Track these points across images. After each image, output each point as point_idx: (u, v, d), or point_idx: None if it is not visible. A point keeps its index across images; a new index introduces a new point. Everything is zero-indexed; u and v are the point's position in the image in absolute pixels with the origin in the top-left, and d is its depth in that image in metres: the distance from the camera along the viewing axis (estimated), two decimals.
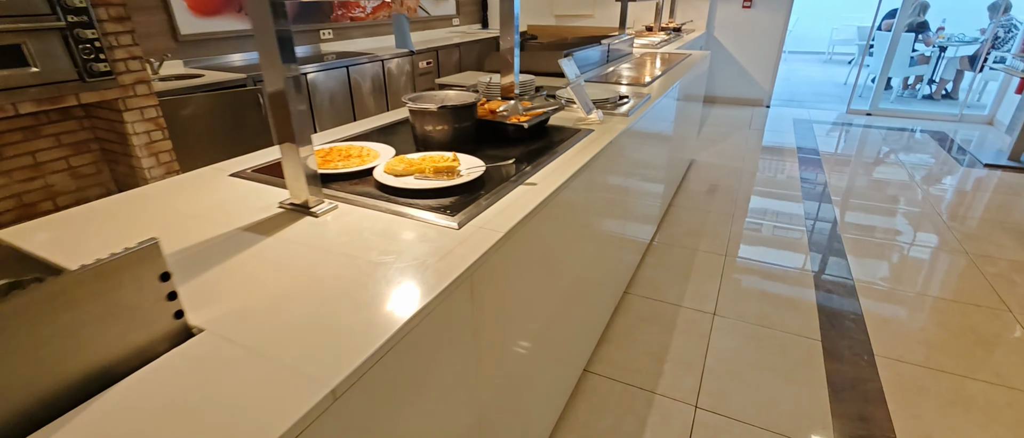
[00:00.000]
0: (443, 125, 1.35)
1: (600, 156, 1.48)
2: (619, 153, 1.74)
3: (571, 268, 1.46)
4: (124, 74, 2.52)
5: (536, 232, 1.15)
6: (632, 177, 2.04)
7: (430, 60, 4.92)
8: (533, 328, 1.25)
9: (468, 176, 1.17)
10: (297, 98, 0.95)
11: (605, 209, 1.71)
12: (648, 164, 2.36)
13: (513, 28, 1.70)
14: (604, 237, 1.77)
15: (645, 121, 2.06)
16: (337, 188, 1.16)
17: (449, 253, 0.87)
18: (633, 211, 2.19)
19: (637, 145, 2.02)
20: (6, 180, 2.49)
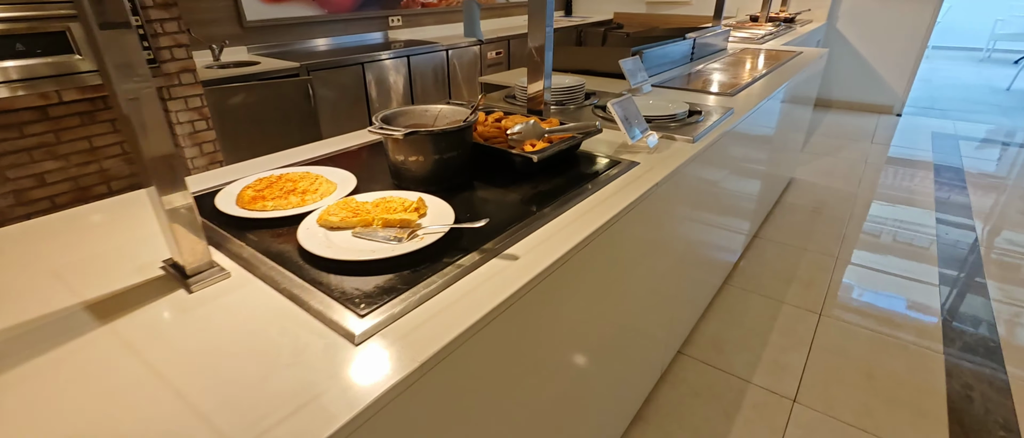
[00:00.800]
0: (417, 155, 1.03)
1: (636, 207, 1.08)
2: (674, 193, 1.31)
3: (582, 333, 1.08)
4: (169, 62, 2.47)
5: (506, 328, 0.79)
6: (694, 221, 1.59)
7: (500, 50, 4.60)
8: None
9: (425, 237, 0.83)
10: (154, 126, 0.66)
11: (646, 261, 1.29)
12: (723, 199, 1.87)
13: (545, 18, 1.32)
14: (643, 291, 1.36)
15: (722, 146, 1.59)
16: (258, 237, 0.88)
17: (318, 398, 0.55)
18: (693, 256, 1.73)
19: (706, 177, 1.56)
20: (64, 164, 2.56)
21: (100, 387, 0.57)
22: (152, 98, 0.66)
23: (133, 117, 0.65)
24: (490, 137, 1.24)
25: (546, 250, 0.86)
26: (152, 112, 0.66)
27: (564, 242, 0.88)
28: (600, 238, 0.97)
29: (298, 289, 0.73)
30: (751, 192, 2.36)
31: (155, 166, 0.68)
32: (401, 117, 1.14)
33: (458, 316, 0.69)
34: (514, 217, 0.96)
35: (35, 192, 2.50)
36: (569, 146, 1.16)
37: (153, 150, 0.67)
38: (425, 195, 0.99)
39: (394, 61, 3.70)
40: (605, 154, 1.30)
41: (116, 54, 0.62)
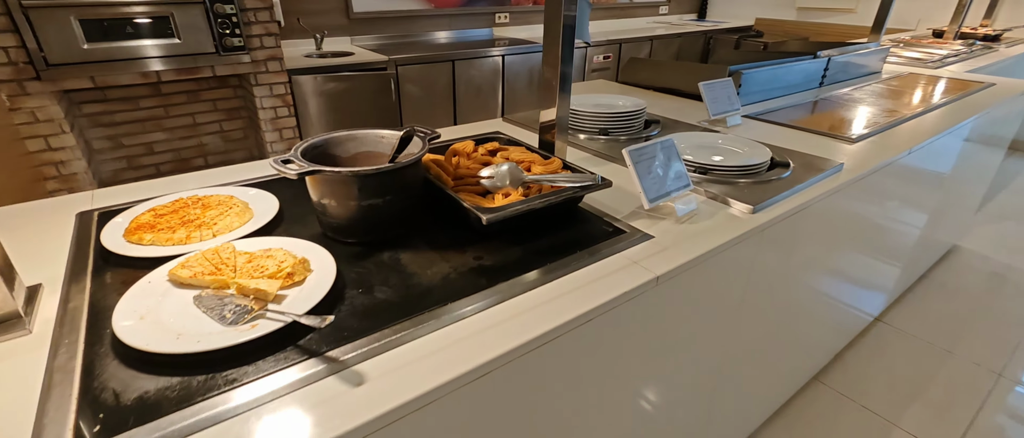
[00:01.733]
0: (330, 198, 0.81)
1: (615, 310, 0.75)
2: (698, 284, 0.94)
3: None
4: (258, 50, 2.57)
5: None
6: (736, 316, 1.17)
7: (609, 55, 4.23)
8: None
9: (260, 324, 0.62)
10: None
11: (624, 388, 0.95)
12: (804, 283, 1.39)
13: (558, 30, 1.02)
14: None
15: (807, 217, 1.14)
16: (111, 281, 0.74)
17: None
18: (733, 366, 1.30)
19: (766, 260, 1.13)
20: (169, 136, 2.83)
21: None
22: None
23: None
24: (465, 176, 0.98)
25: (423, 372, 0.59)
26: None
27: (460, 361, 0.61)
28: (528, 357, 0.67)
29: (61, 373, 0.57)
30: (866, 268, 1.78)
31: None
32: (345, 144, 0.93)
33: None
34: (426, 300, 0.70)
35: (144, 159, 2.80)
36: (543, 204, 0.86)
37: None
38: (323, 253, 0.77)
39: (487, 60, 3.55)
40: (615, 215, 0.97)
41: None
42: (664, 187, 0.97)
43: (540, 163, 1.03)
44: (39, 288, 0.72)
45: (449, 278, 0.76)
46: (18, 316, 0.65)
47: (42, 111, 2.17)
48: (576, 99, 1.57)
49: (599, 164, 1.26)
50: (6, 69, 2.05)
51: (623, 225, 0.94)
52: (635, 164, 0.93)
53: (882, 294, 2.06)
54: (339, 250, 0.83)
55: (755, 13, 5.26)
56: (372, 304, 0.69)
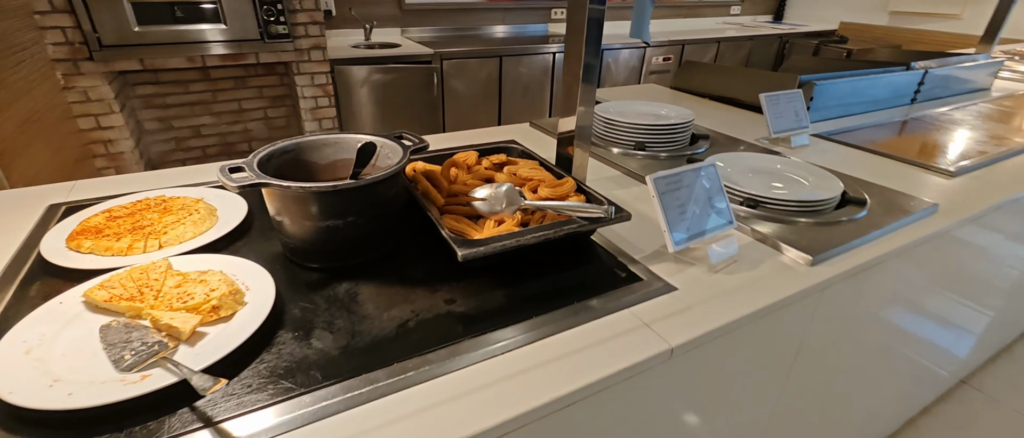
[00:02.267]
0: (285, 216, 0.69)
1: (619, 386, 0.58)
2: (727, 354, 0.75)
3: None
4: (302, 38, 2.55)
5: None
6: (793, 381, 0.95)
7: (669, 56, 3.94)
8: None
9: (151, 377, 0.51)
10: None
11: None
12: (877, 342, 1.14)
13: (582, 22, 0.84)
14: None
15: (887, 272, 0.91)
16: (36, 294, 0.65)
17: None
18: None
19: (823, 329, 0.91)
20: (216, 121, 2.87)
21: None
22: None
23: None
24: (459, 193, 0.84)
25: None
26: None
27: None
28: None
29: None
30: (953, 321, 1.48)
31: None
32: (321, 150, 0.81)
33: None
34: (368, 356, 0.57)
35: (192, 141, 2.86)
36: (536, 240, 0.70)
37: None
38: (267, 280, 0.65)
39: (537, 58, 3.39)
40: (633, 255, 0.80)
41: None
42: (698, 225, 0.78)
43: (550, 184, 0.86)
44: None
45: (407, 327, 0.62)
46: None
47: (94, 91, 2.24)
48: (613, 105, 1.39)
49: (629, 186, 1.08)
50: (62, 49, 2.11)
51: (641, 269, 0.76)
52: (660, 195, 0.75)
53: (970, 351, 1.73)
54: (296, 275, 0.71)
55: (840, 16, 4.77)
56: (300, 357, 0.56)
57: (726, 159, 1.10)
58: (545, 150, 1.11)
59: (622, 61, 3.74)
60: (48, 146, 1.91)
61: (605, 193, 0.85)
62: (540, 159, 0.98)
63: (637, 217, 0.90)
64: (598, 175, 1.13)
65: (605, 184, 1.07)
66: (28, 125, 1.75)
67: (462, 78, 3.19)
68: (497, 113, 3.40)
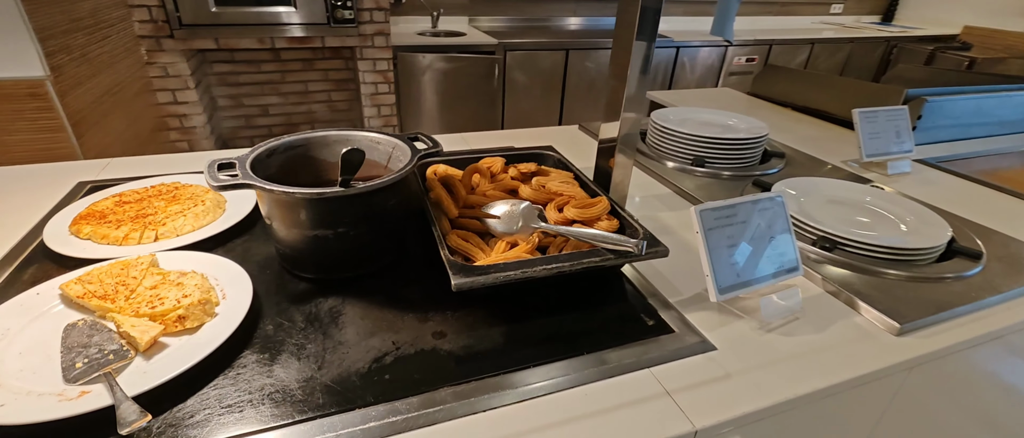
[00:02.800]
0: (275, 220, 0.63)
1: None
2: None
3: None
4: (367, 23, 2.56)
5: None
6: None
7: (754, 57, 3.62)
8: None
9: (99, 395, 0.46)
10: None
11: None
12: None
13: (634, 14, 0.72)
14: None
15: (1008, 353, 0.72)
16: (29, 278, 0.64)
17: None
18: None
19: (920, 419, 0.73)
20: (282, 101, 2.96)
21: None
22: None
23: None
24: (476, 205, 0.75)
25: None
26: None
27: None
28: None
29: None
30: None
31: None
32: (332, 146, 0.75)
33: None
34: (327, 396, 0.49)
35: (259, 119, 2.97)
36: (546, 274, 0.59)
37: None
38: (246, 289, 0.60)
39: (606, 52, 3.21)
40: (668, 297, 0.67)
41: None
42: (752, 269, 0.64)
43: (580, 202, 0.75)
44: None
45: (383, 362, 0.54)
46: None
47: (173, 67, 2.36)
48: (674, 112, 1.23)
49: (680, 208, 0.94)
50: (147, 26, 2.24)
51: (674, 317, 0.63)
52: (706, 231, 0.61)
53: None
54: (284, 284, 0.65)
55: (964, 20, 4.17)
56: (256, 387, 0.50)
57: (801, 185, 0.93)
58: (588, 159, 0.99)
59: (699, 60, 3.48)
60: (125, 118, 2.03)
61: (648, 216, 0.73)
62: (576, 171, 0.86)
63: (682, 249, 0.76)
64: (646, 192, 0.99)
65: (651, 205, 0.94)
66: (107, 97, 1.86)
67: (525, 71, 3.09)
68: (559, 110, 3.27)
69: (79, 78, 1.65)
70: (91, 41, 1.79)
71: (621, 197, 0.86)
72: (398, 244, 0.72)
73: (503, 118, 3.15)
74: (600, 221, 0.72)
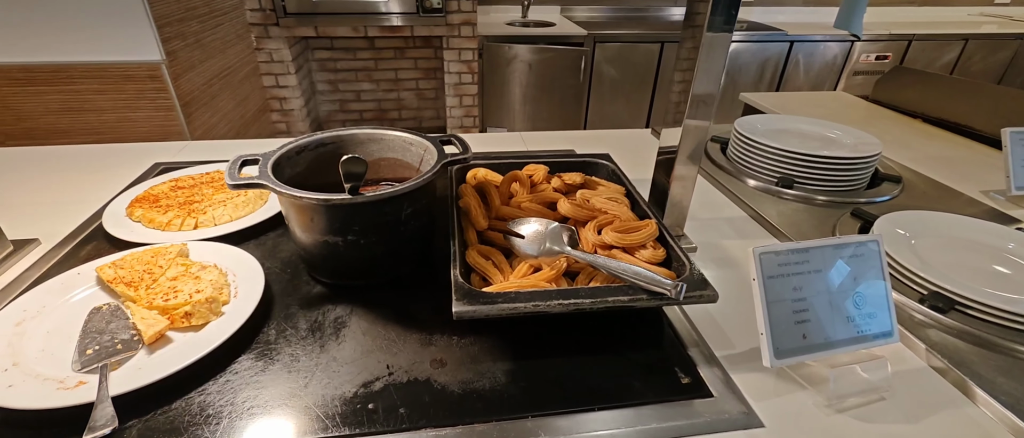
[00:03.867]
0: (292, 221, 0.61)
1: None
2: None
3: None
4: (454, 13, 2.57)
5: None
6: None
7: (887, 55, 3.14)
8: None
9: (90, 387, 0.47)
10: None
11: None
12: None
13: (703, 3, 0.61)
14: None
15: None
16: (85, 255, 0.68)
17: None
18: None
19: None
20: (374, 87, 3.09)
21: None
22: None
23: None
24: (507, 218, 0.69)
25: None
26: None
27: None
28: None
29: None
30: None
31: None
32: (366, 146, 0.72)
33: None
34: (299, 420, 0.47)
35: (352, 105, 3.12)
36: (563, 310, 0.51)
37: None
38: (257, 288, 0.59)
39: None
40: (715, 348, 0.56)
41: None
42: (824, 330, 0.51)
43: (623, 225, 0.65)
44: (31, 244, 0.70)
45: (370, 389, 0.50)
46: None
47: (277, 53, 2.54)
48: (763, 120, 1.07)
49: (754, 236, 0.80)
50: (257, 14, 2.42)
51: (716, 376, 0.53)
52: (764, 279, 0.50)
53: None
54: (299, 286, 0.64)
55: None
56: (238, 401, 0.48)
57: (916, 221, 0.75)
58: (645, 173, 0.88)
59: (817, 57, 3.09)
60: (233, 99, 2.22)
61: (711, 244, 0.62)
62: (628, 186, 0.77)
63: (745, 290, 0.65)
64: (716, 214, 0.87)
65: (719, 230, 0.82)
66: (216, 80, 2.04)
67: (615, 64, 2.94)
68: (648, 109, 3.08)
69: (192, 62, 1.81)
70: (205, 28, 1.96)
71: (679, 220, 0.75)
72: (417, 254, 0.68)
73: (586, 115, 3.02)
74: (644, 249, 0.62)
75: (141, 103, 1.69)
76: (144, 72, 1.63)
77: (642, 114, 3.11)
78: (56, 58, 1.55)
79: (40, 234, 0.73)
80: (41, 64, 1.55)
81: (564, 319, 0.59)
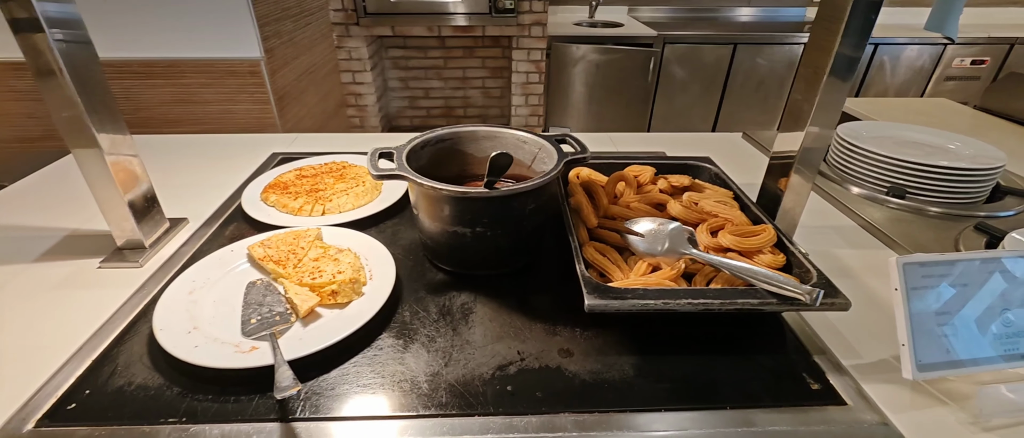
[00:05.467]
0: (421, 211, 0.65)
1: None
2: None
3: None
4: (526, 13, 2.60)
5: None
6: None
7: (984, 59, 2.92)
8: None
9: (264, 352, 0.52)
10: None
11: None
12: None
13: (844, 7, 0.60)
14: None
15: None
16: (231, 234, 0.76)
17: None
18: None
19: None
20: (443, 85, 3.17)
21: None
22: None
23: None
24: (617, 217, 0.71)
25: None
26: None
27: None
28: None
29: (109, 327, 0.57)
30: None
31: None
32: (480, 142, 0.76)
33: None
34: (429, 397, 0.50)
35: (421, 101, 3.22)
36: (693, 309, 0.52)
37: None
38: (390, 272, 0.63)
39: (782, 48, 2.85)
40: (841, 356, 0.56)
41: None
42: (972, 346, 0.50)
43: (739, 229, 0.66)
44: (182, 223, 0.78)
45: (506, 372, 0.53)
46: (141, 247, 0.71)
47: (355, 51, 2.66)
48: (868, 127, 1.04)
49: (862, 246, 0.78)
50: (339, 14, 2.54)
51: (847, 385, 0.52)
52: (908, 290, 0.49)
53: None
54: (422, 272, 0.68)
55: None
56: (389, 373, 0.52)
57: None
58: (752, 175, 0.87)
59: (903, 61, 2.91)
60: (317, 94, 2.34)
61: (821, 252, 0.62)
62: (736, 190, 0.76)
63: (864, 300, 0.64)
64: (820, 221, 0.85)
65: (826, 238, 0.80)
66: (305, 76, 2.16)
67: (685, 66, 2.88)
68: (715, 111, 3.01)
69: (285, 59, 1.93)
70: (297, 27, 2.08)
71: (789, 227, 0.74)
72: (534, 248, 0.70)
73: (651, 117, 2.98)
74: (762, 254, 0.62)
75: (241, 96, 1.81)
76: (245, 68, 1.75)
77: (709, 117, 3.04)
78: (171, 54, 1.70)
79: (187, 213, 0.81)
80: (158, 59, 1.70)
81: (685, 318, 0.60)
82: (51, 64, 0.57)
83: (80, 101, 0.60)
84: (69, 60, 0.58)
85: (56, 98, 0.59)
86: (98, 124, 0.62)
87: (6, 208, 0.84)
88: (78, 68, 0.59)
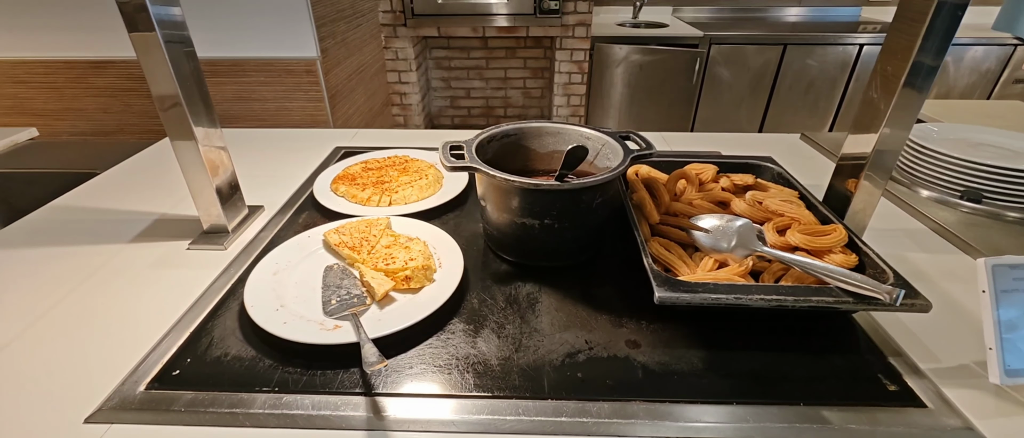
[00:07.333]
0: (489, 203, 0.67)
1: None
2: None
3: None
4: (570, 14, 2.61)
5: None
6: None
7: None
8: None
9: (341, 327, 0.55)
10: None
11: None
12: None
13: (926, 10, 0.59)
14: None
15: None
16: (308, 220, 0.80)
17: None
18: None
19: None
20: (484, 85, 3.21)
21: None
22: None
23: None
24: (680, 213, 0.71)
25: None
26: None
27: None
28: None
29: (201, 304, 0.62)
30: None
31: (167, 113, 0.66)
32: (542, 138, 0.77)
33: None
34: (502, 380, 0.52)
35: (462, 101, 3.27)
36: (767, 305, 0.52)
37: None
38: (458, 262, 0.66)
39: (834, 49, 2.75)
40: (918, 360, 0.54)
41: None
42: None
43: (807, 228, 0.65)
44: (259, 210, 0.83)
45: (575, 359, 0.54)
46: (225, 231, 0.75)
47: (402, 51, 2.72)
48: (939, 128, 1.00)
49: (934, 250, 0.76)
50: (387, 15, 2.62)
51: (926, 388, 0.51)
52: (998, 293, 0.48)
53: None
54: (487, 262, 0.71)
55: None
56: (462, 355, 0.55)
57: None
58: (812, 176, 0.86)
59: (967, 63, 2.77)
60: (365, 93, 2.42)
61: (892, 255, 0.60)
62: (802, 189, 0.75)
63: (941, 304, 0.62)
64: (889, 224, 0.83)
65: (896, 241, 0.78)
66: (355, 75, 2.23)
67: (731, 67, 2.82)
68: (762, 114, 2.93)
69: (338, 59, 2.00)
70: (349, 28, 2.16)
71: (858, 229, 0.73)
72: (597, 241, 0.72)
73: (694, 119, 2.93)
74: (833, 254, 0.61)
75: (297, 94, 1.89)
76: (302, 67, 1.82)
77: (756, 119, 2.96)
78: (234, 54, 1.79)
79: (263, 201, 0.85)
80: (223, 59, 1.79)
81: (752, 315, 0.60)
82: (159, 61, 0.62)
83: (181, 96, 0.64)
84: (174, 58, 0.63)
85: (163, 92, 0.64)
86: (195, 117, 0.67)
87: (100, 194, 0.91)
88: (180, 65, 0.64)
